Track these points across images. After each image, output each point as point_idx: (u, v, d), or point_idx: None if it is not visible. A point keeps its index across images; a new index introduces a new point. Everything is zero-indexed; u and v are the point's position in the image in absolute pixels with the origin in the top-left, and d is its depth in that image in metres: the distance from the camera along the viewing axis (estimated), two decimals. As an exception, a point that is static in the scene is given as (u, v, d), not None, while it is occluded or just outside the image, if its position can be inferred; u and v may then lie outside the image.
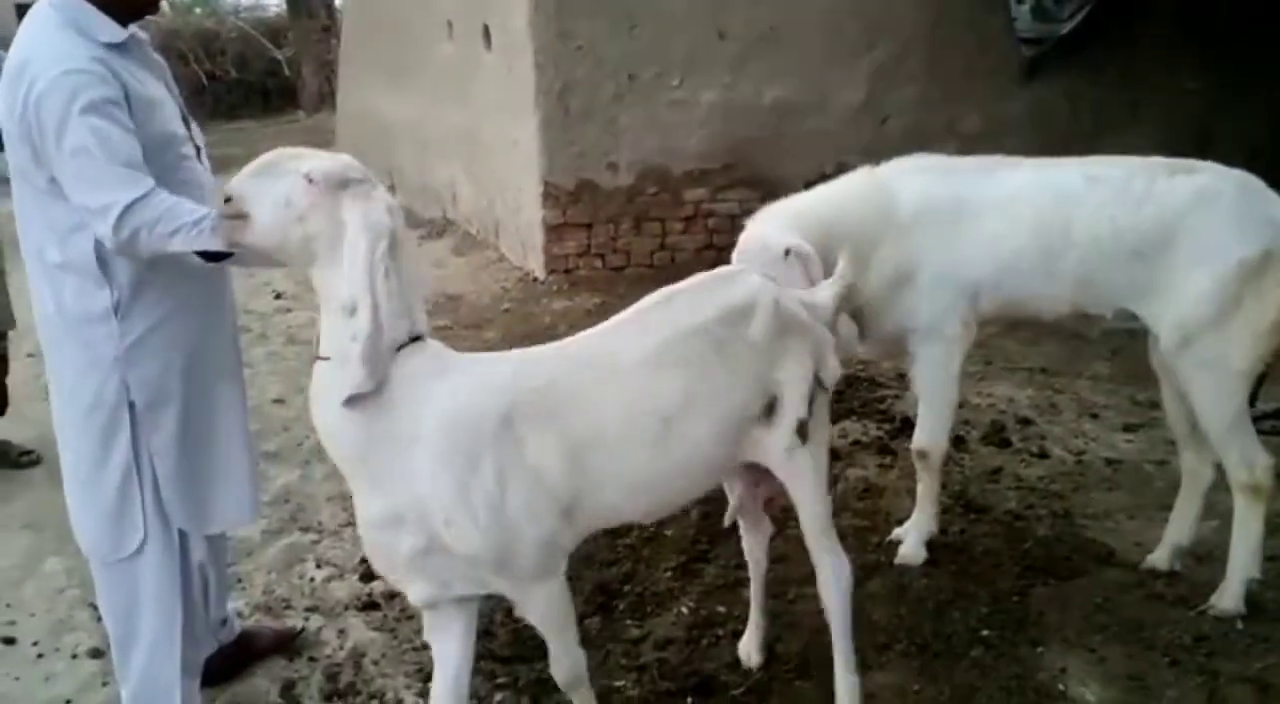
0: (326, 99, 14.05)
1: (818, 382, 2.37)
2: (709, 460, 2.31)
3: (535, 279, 6.69)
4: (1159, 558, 3.21)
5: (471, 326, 6.09)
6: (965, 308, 3.15)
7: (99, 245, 2.24)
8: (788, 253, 2.76)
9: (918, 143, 6.97)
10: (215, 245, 2.13)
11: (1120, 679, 2.71)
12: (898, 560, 3.26)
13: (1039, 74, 7.07)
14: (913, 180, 3.19)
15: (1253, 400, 2.98)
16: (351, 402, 1.94)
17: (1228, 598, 2.95)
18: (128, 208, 2.13)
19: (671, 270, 6.76)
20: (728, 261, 2.82)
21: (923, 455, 3.26)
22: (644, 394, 2.18)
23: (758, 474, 2.51)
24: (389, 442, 2.00)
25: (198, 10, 22.49)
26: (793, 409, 2.32)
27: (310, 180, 1.99)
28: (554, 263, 6.54)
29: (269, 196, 2.00)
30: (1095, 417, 4.54)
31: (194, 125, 2.48)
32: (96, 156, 2.14)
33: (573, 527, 2.15)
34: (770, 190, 6.81)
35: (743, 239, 2.91)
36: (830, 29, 6.70)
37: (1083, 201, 3.00)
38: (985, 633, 2.91)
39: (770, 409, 2.32)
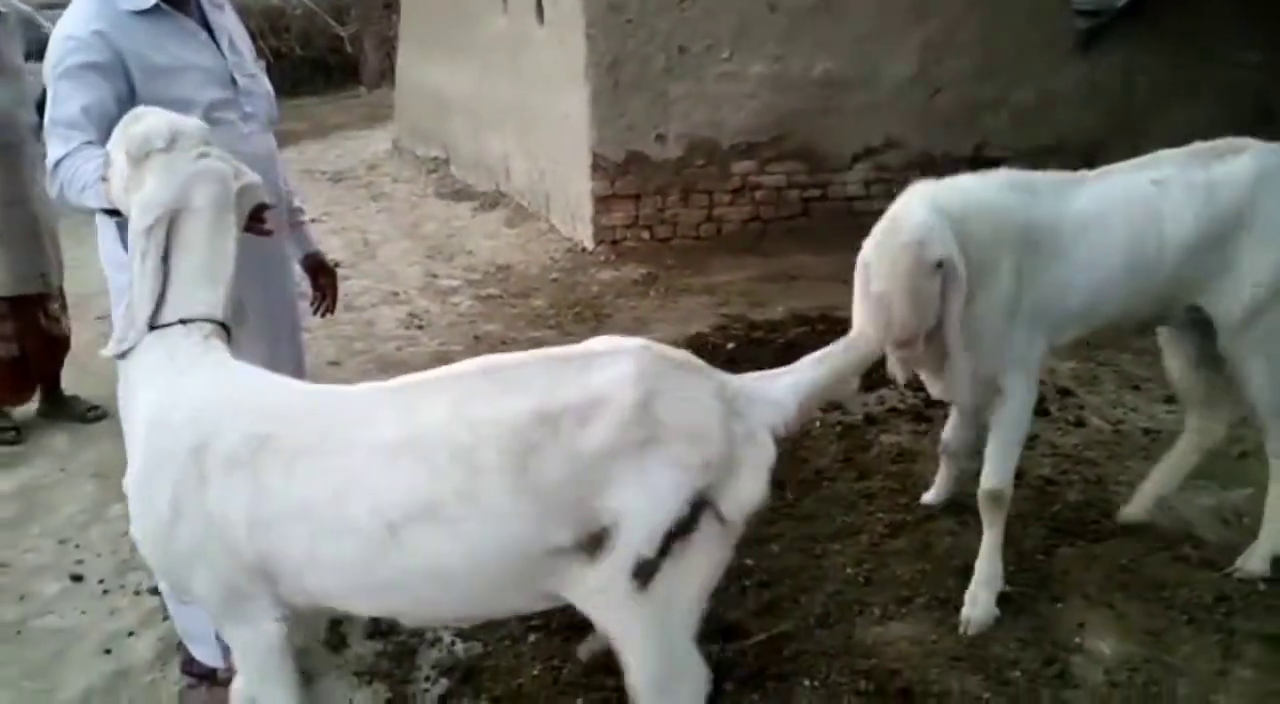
0: (386, 75, 14.28)
1: (699, 509, 1.78)
2: (479, 587, 1.84)
3: (584, 249, 6.79)
4: (1134, 511, 3.29)
5: (520, 295, 6.23)
6: (1052, 339, 2.90)
7: None
8: (939, 265, 2.46)
9: (969, 116, 7.04)
10: (102, 205, 2.17)
11: (1137, 634, 2.76)
12: (970, 630, 2.83)
13: (1094, 47, 7.00)
14: (1018, 195, 2.84)
15: None
16: (115, 359, 1.96)
17: (1255, 560, 2.97)
18: (55, 165, 2.27)
19: (718, 241, 6.85)
20: (774, 233, 2.63)
21: (996, 498, 2.88)
22: (370, 485, 1.77)
23: None
24: (128, 419, 1.97)
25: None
26: (632, 545, 1.75)
27: (126, 151, 1.96)
28: (602, 234, 6.65)
29: (115, 163, 2.02)
30: (1136, 389, 4.54)
31: (245, 89, 2.57)
32: (49, 118, 2.30)
33: (280, 590, 1.88)
34: (818, 163, 6.91)
35: (898, 215, 2.58)
36: (880, 1, 6.70)
37: (1162, 207, 2.87)
38: (1007, 589, 2.96)
39: (597, 543, 1.76)
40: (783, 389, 1.96)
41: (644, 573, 1.77)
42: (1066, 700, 2.56)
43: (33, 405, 4.57)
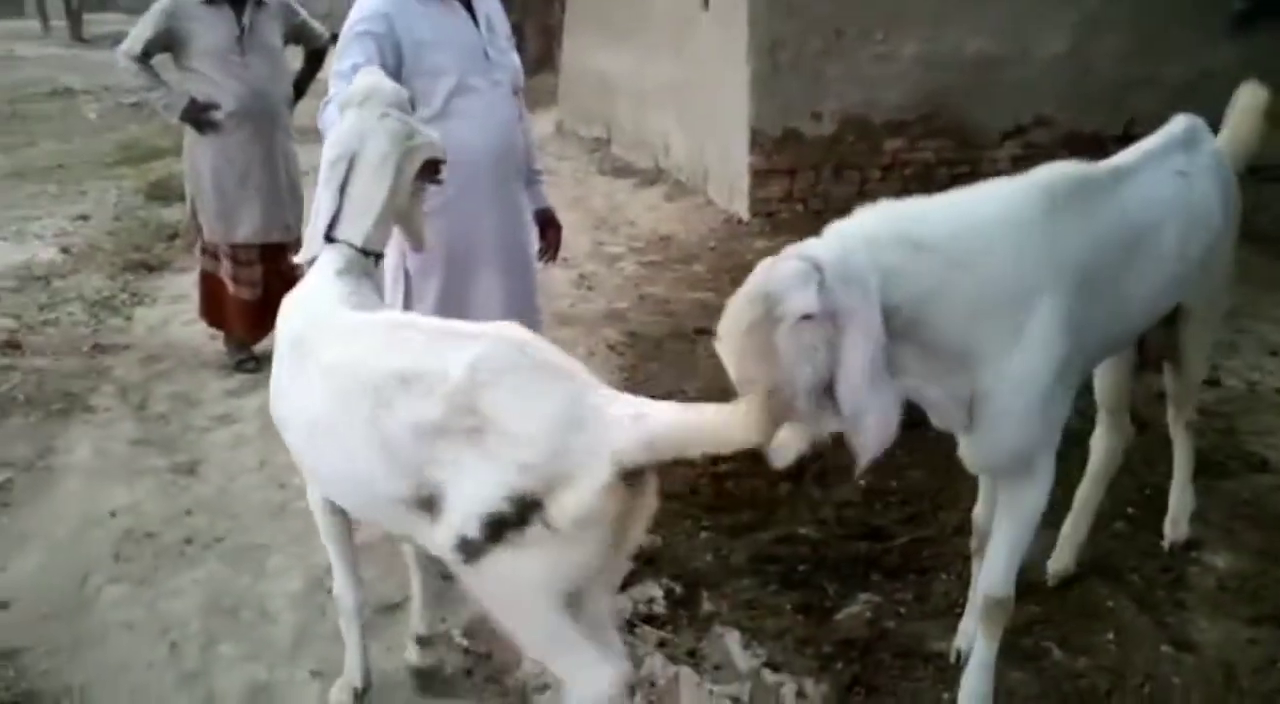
0: (545, 62, 14.94)
1: (528, 508, 1.84)
2: (364, 503, 2.22)
3: (740, 221, 7.21)
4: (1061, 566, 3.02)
5: (680, 262, 6.70)
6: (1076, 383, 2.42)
7: None
8: (808, 318, 1.90)
9: (1120, 94, 7.17)
10: None
11: (1250, 554, 3.07)
12: None
13: (1249, 25, 7.03)
14: (1051, 211, 2.22)
15: None
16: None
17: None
18: (324, 105, 2.85)
19: (868, 215, 7.15)
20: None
21: (1003, 606, 2.39)
22: (307, 393, 2.20)
23: None
24: None
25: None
26: (454, 522, 1.90)
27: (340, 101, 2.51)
28: (758, 206, 7.06)
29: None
30: (1275, 355, 4.72)
31: (495, 62, 3.07)
32: (333, 69, 2.91)
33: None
34: (967, 140, 7.17)
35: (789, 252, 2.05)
36: (1034, -18, 6.91)
37: (1192, 200, 2.57)
38: (1130, 511, 3.30)
39: (429, 505, 1.96)
40: (628, 420, 1.88)
41: (468, 550, 1.90)
42: (1180, 600, 2.89)
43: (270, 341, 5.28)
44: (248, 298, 4.95)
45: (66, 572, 3.27)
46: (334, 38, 4.61)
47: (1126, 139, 6.62)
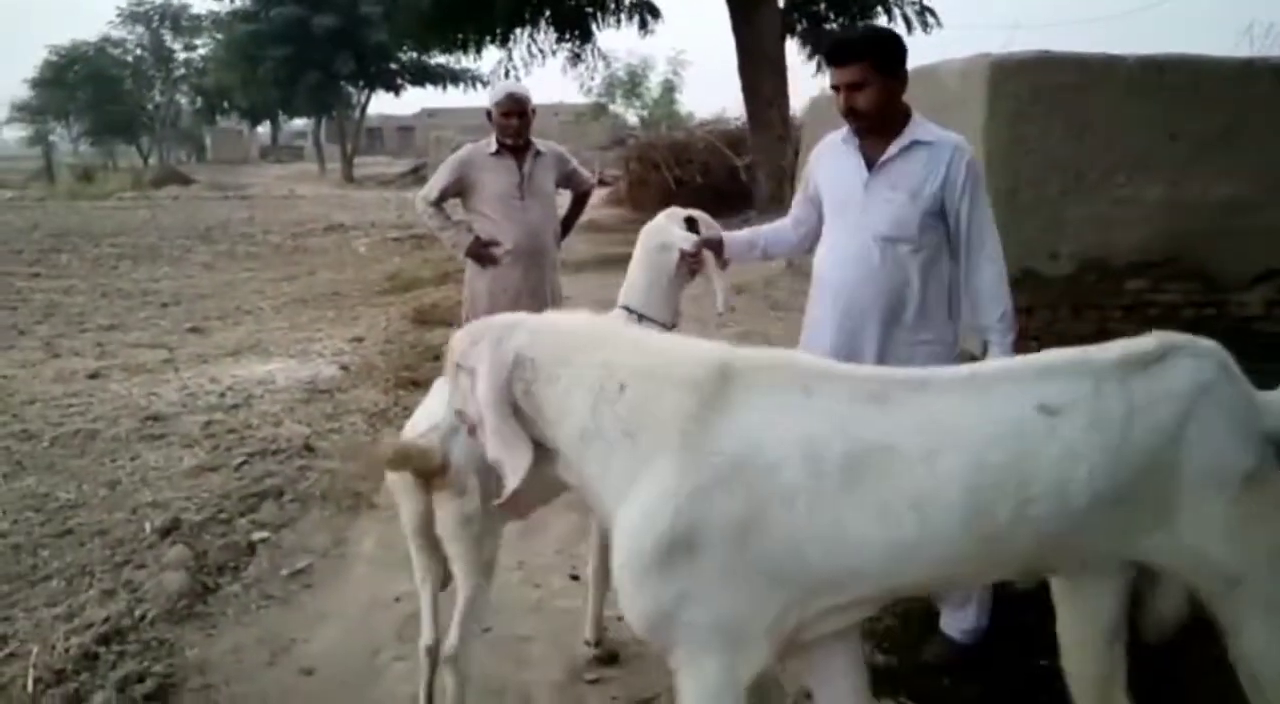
0: (775, 200, 15.50)
1: None
2: None
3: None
4: None
5: (913, 395, 6.80)
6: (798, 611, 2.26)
7: None
8: (459, 367, 2.47)
9: (1382, 238, 6.80)
10: None
11: None
12: None
13: None
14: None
15: None
16: None
17: None
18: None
19: (1108, 355, 7.05)
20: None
21: None
22: None
23: None
24: None
25: (664, 126, 25.66)
26: None
27: None
28: (993, 343, 7.08)
29: None
30: None
31: (870, 208, 3.42)
32: None
33: None
34: (1214, 283, 7.00)
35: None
36: (1287, 127, 6.79)
37: (1044, 451, 2.19)
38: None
39: None
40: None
41: None
42: None
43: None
44: None
45: (359, 647, 3.69)
46: (601, 182, 5.16)
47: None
